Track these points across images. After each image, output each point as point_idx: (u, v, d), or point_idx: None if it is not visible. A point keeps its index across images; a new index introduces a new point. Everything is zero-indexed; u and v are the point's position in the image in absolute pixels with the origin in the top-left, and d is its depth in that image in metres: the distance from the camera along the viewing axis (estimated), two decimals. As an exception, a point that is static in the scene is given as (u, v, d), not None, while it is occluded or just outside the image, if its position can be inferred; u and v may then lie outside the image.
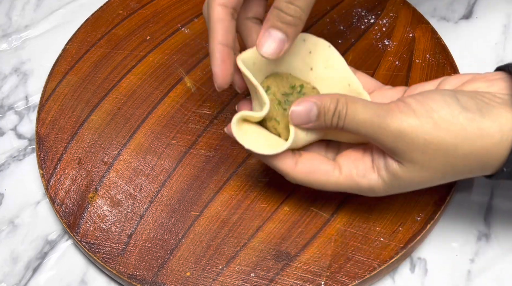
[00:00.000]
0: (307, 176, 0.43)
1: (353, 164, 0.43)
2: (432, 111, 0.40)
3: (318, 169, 0.43)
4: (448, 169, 0.41)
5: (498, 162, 0.40)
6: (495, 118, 0.39)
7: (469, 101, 0.40)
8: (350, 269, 0.46)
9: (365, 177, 0.43)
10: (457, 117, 0.39)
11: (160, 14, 0.61)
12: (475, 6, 0.62)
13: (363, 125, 0.41)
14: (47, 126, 0.55)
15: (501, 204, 0.51)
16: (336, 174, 0.43)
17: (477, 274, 0.48)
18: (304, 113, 0.42)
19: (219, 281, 0.47)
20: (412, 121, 0.40)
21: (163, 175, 0.51)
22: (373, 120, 0.40)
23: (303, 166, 0.43)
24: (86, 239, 0.49)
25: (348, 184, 0.43)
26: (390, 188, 0.43)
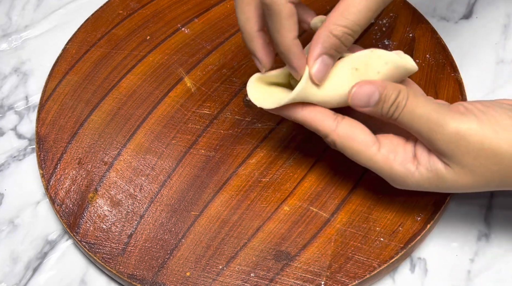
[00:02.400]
0: (345, 140, 0.43)
1: (393, 147, 0.43)
2: (493, 118, 0.40)
3: (358, 136, 0.42)
4: (496, 177, 0.40)
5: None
6: None
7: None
8: (350, 269, 0.46)
9: (402, 165, 0.42)
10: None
11: (160, 14, 0.61)
12: (475, 6, 0.62)
13: (418, 120, 0.40)
14: (47, 126, 0.55)
15: (501, 204, 0.51)
16: (374, 149, 0.42)
17: (477, 274, 0.48)
18: (365, 96, 0.41)
19: (219, 281, 0.47)
20: (473, 125, 0.39)
21: (163, 175, 0.51)
22: (431, 115, 0.40)
23: (344, 129, 0.43)
24: (86, 239, 0.49)
25: (382, 164, 0.42)
26: (424, 184, 0.42)
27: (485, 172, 0.40)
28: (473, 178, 0.41)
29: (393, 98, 0.41)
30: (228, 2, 0.61)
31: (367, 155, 0.43)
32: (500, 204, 0.51)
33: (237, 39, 0.59)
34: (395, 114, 0.41)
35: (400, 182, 0.43)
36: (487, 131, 0.39)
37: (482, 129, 0.39)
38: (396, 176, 0.43)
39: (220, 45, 0.58)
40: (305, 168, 0.51)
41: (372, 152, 0.42)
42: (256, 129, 0.53)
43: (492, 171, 0.40)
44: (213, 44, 0.58)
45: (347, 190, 0.49)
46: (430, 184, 0.42)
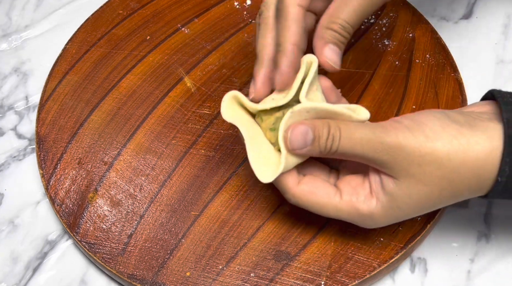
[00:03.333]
0: (307, 196, 0.43)
1: (354, 190, 0.43)
2: (424, 125, 0.41)
3: (319, 190, 0.43)
4: (444, 183, 0.41)
5: (492, 173, 0.40)
6: (483, 129, 0.40)
7: (458, 116, 0.41)
8: (350, 269, 0.46)
9: (364, 203, 0.43)
10: (448, 129, 0.40)
11: (160, 14, 0.61)
12: (475, 6, 0.62)
13: (359, 144, 0.41)
14: (47, 126, 0.55)
15: (501, 205, 0.51)
16: (337, 198, 0.43)
17: (477, 274, 0.48)
18: (301, 136, 0.42)
19: (219, 281, 0.47)
20: (407, 135, 0.40)
21: (163, 175, 0.51)
22: (369, 137, 0.41)
23: (305, 185, 0.43)
24: (86, 239, 0.49)
25: (347, 210, 0.43)
26: (388, 212, 0.43)
27: (432, 178, 0.41)
28: (423, 187, 0.41)
29: (326, 132, 0.42)
30: (228, 2, 0.61)
31: (332, 205, 0.43)
32: (500, 205, 0.51)
33: (237, 39, 0.59)
34: (334, 147, 0.42)
35: (369, 221, 0.43)
36: (420, 138, 0.40)
37: (415, 137, 0.40)
38: (363, 216, 0.43)
39: (220, 45, 0.58)
40: (305, 168, 0.51)
41: (335, 201, 0.43)
42: (256, 129, 0.53)
43: (437, 176, 0.41)
44: (213, 44, 0.58)
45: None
46: (391, 209, 0.42)
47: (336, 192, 0.43)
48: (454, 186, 0.41)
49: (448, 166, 0.40)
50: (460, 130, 0.40)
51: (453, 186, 0.41)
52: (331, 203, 0.43)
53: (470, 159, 0.40)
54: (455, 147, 0.40)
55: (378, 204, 0.42)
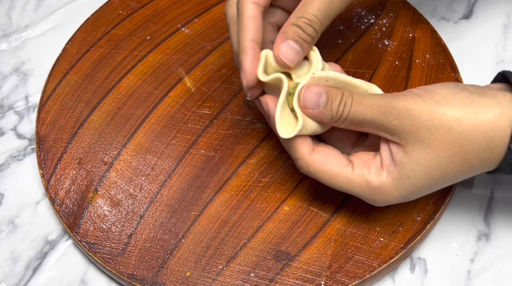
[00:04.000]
0: (319, 164, 0.43)
1: (365, 163, 0.43)
2: (434, 92, 0.42)
3: (332, 159, 0.43)
4: (454, 147, 0.41)
5: (502, 139, 0.40)
6: (493, 96, 0.41)
7: (468, 86, 0.42)
8: (350, 269, 0.46)
9: (375, 175, 0.43)
10: (458, 96, 0.41)
11: (160, 14, 0.61)
12: (475, 6, 0.62)
13: (369, 109, 0.42)
14: (47, 126, 0.55)
15: (501, 204, 0.51)
16: (348, 170, 0.43)
17: (477, 274, 0.48)
18: (314, 96, 0.43)
19: (219, 281, 0.47)
20: (418, 101, 0.41)
21: (163, 175, 0.52)
22: (380, 102, 0.42)
23: (318, 154, 0.44)
24: (86, 239, 0.49)
25: (358, 182, 0.43)
26: (399, 183, 0.42)
27: (441, 142, 0.41)
28: (432, 152, 0.41)
29: (339, 98, 0.43)
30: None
31: (343, 176, 0.43)
32: (500, 204, 0.51)
33: (237, 39, 0.59)
34: (345, 112, 0.42)
35: (380, 195, 0.43)
36: (430, 103, 0.41)
37: (425, 102, 0.41)
38: (374, 189, 0.43)
39: (220, 45, 0.58)
40: (305, 168, 0.51)
41: (347, 173, 0.43)
42: (256, 129, 0.53)
43: (447, 140, 0.41)
44: (213, 44, 0.58)
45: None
46: (402, 180, 0.42)
47: (348, 163, 0.44)
48: (464, 151, 0.41)
49: (458, 130, 0.40)
50: (471, 97, 0.41)
51: (463, 151, 0.41)
52: (343, 174, 0.43)
53: (481, 122, 0.40)
54: (465, 110, 0.40)
55: (389, 175, 0.42)
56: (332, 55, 0.56)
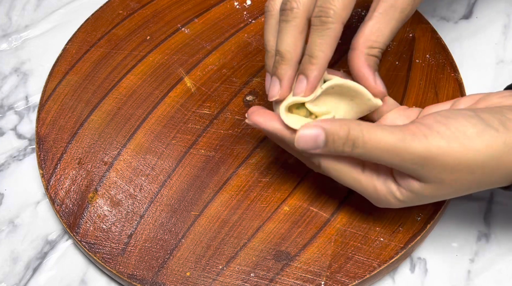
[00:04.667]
0: (330, 162, 0.43)
1: (376, 166, 0.43)
2: (458, 131, 0.39)
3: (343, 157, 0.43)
4: (473, 185, 0.41)
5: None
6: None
7: (490, 118, 0.40)
8: (350, 269, 0.46)
9: (384, 184, 0.42)
10: (483, 136, 0.39)
11: (160, 14, 0.61)
12: (475, 6, 0.62)
13: (386, 153, 0.40)
14: (47, 126, 0.55)
15: (501, 204, 0.51)
16: (359, 170, 0.43)
17: (477, 274, 0.48)
18: (310, 139, 0.41)
19: (219, 281, 0.47)
20: (440, 143, 0.39)
21: (163, 175, 0.52)
22: (398, 146, 0.39)
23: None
24: (86, 239, 0.49)
25: (366, 184, 0.43)
26: (406, 203, 0.43)
27: (462, 182, 0.40)
28: (451, 189, 0.41)
29: (343, 136, 0.40)
30: (228, 2, 0.61)
31: (352, 176, 0.43)
32: (500, 204, 0.51)
33: (237, 39, 0.59)
34: (355, 152, 0.41)
35: (384, 201, 0.43)
36: (455, 146, 0.39)
37: (449, 145, 0.39)
38: (379, 195, 0.43)
39: (220, 45, 0.58)
40: (305, 168, 0.50)
41: (357, 172, 0.43)
42: (256, 129, 0.53)
43: (468, 180, 0.40)
44: (213, 44, 0.58)
45: (347, 190, 0.49)
46: (411, 201, 0.43)
47: (359, 162, 0.43)
48: (481, 185, 0.41)
49: (481, 172, 0.40)
50: (495, 135, 0.39)
51: (480, 185, 0.41)
52: (352, 173, 0.43)
53: (503, 163, 0.40)
54: (490, 154, 0.39)
55: (398, 191, 0.42)
56: (332, 56, 0.56)
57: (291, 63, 0.44)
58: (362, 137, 0.40)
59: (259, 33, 0.59)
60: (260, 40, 0.58)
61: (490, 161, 0.39)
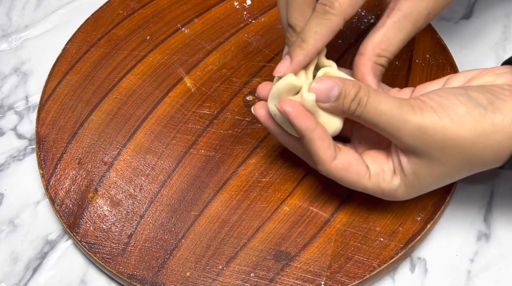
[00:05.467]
0: (339, 172, 0.44)
1: (380, 168, 0.44)
2: (448, 108, 0.40)
3: (353, 168, 0.44)
4: (465, 164, 0.41)
5: (510, 150, 0.41)
6: (506, 111, 0.40)
7: (480, 97, 0.41)
8: (350, 269, 0.46)
9: (389, 183, 0.44)
10: (472, 114, 0.40)
11: (160, 14, 0.61)
12: (475, 6, 0.62)
13: (383, 116, 0.41)
14: (47, 126, 0.55)
15: (501, 204, 0.51)
16: (366, 178, 0.44)
17: (477, 274, 0.48)
18: (325, 90, 0.42)
19: (219, 281, 0.47)
20: (433, 118, 0.40)
21: (163, 175, 0.52)
22: (394, 112, 0.41)
23: (340, 161, 0.43)
24: (86, 239, 0.49)
25: (373, 189, 0.44)
26: (411, 189, 0.43)
27: (453, 160, 0.41)
28: (444, 167, 0.42)
29: (353, 94, 0.42)
30: (228, 2, 0.61)
31: (360, 184, 0.44)
32: (500, 204, 0.51)
33: (237, 39, 0.59)
34: (358, 111, 0.42)
35: (391, 197, 0.45)
36: (445, 121, 0.40)
37: (441, 121, 0.40)
38: (386, 193, 0.44)
39: (220, 45, 0.58)
40: (305, 168, 0.51)
41: (364, 181, 0.44)
42: (256, 129, 0.53)
43: (458, 158, 0.41)
44: (213, 44, 0.58)
45: (347, 190, 0.49)
46: (413, 186, 0.43)
47: (366, 171, 0.44)
48: (473, 165, 0.42)
49: (471, 150, 0.41)
50: (484, 114, 0.40)
51: (472, 165, 0.42)
52: (361, 182, 0.44)
53: (492, 142, 0.40)
54: (478, 133, 0.40)
55: (401, 182, 0.43)
56: (332, 55, 0.56)
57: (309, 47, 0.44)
58: (367, 97, 0.41)
59: (259, 33, 0.59)
60: (260, 40, 0.58)
61: (478, 139, 0.40)
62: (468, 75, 0.45)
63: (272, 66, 0.57)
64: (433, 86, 0.46)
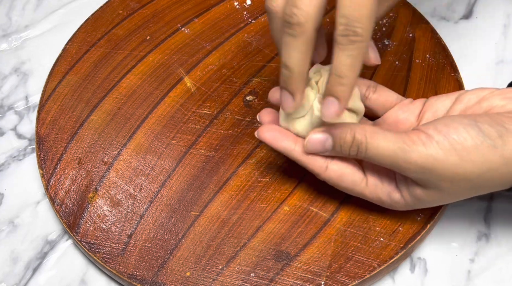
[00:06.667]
0: (334, 180, 0.45)
1: (379, 180, 0.44)
2: (456, 143, 0.40)
3: (346, 177, 0.45)
4: (472, 192, 0.42)
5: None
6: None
7: (489, 129, 0.40)
8: (350, 269, 0.46)
9: (388, 196, 0.44)
10: (481, 148, 0.40)
11: (160, 14, 0.61)
12: (475, 6, 0.62)
13: (387, 159, 0.41)
14: (47, 126, 0.55)
15: (501, 204, 0.51)
16: (362, 185, 0.45)
17: (477, 274, 0.48)
18: (319, 144, 0.43)
19: (219, 281, 0.47)
20: (437, 155, 0.40)
21: (163, 175, 0.52)
22: (397, 154, 0.41)
23: (332, 170, 0.44)
24: (86, 239, 0.49)
25: (371, 196, 0.45)
26: (411, 206, 0.44)
27: (461, 190, 0.42)
28: (452, 196, 0.43)
29: (349, 141, 0.42)
30: (228, 2, 0.61)
31: (357, 191, 0.45)
32: (500, 204, 0.51)
33: (237, 39, 0.59)
34: (360, 155, 0.42)
35: (389, 206, 0.46)
36: (452, 159, 0.40)
37: (447, 158, 0.40)
38: (384, 202, 0.45)
39: (220, 45, 0.58)
40: (305, 168, 0.51)
41: (361, 188, 0.45)
42: (256, 129, 0.53)
43: (467, 188, 0.42)
44: (213, 44, 0.58)
45: (347, 190, 0.49)
46: (415, 204, 0.44)
47: (362, 179, 0.44)
48: (480, 191, 0.43)
49: (479, 182, 0.41)
50: (493, 147, 0.40)
51: (479, 191, 0.43)
52: (357, 189, 0.45)
53: (501, 174, 0.40)
54: (487, 167, 0.40)
55: (402, 200, 0.44)
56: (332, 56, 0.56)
57: (302, 77, 0.42)
58: (365, 143, 0.42)
59: (259, 33, 0.59)
60: (260, 40, 0.58)
61: (487, 173, 0.40)
62: (479, 94, 0.45)
63: (272, 66, 0.57)
64: (444, 101, 0.46)
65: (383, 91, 0.48)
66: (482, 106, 0.44)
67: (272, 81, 0.56)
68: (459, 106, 0.45)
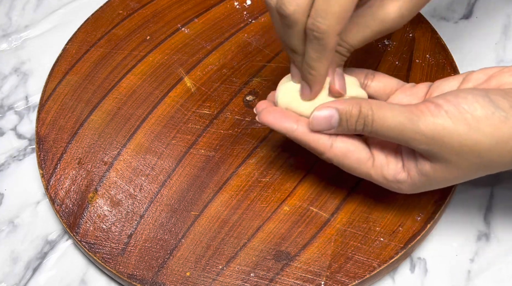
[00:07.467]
0: (340, 158, 0.43)
1: (385, 159, 0.43)
2: (466, 112, 0.39)
3: (352, 154, 0.43)
4: (481, 167, 0.41)
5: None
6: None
7: (502, 100, 0.39)
8: (350, 269, 0.46)
9: (394, 177, 0.43)
10: (491, 118, 0.39)
11: (160, 14, 0.61)
12: (475, 6, 0.62)
13: (394, 131, 0.40)
14: (47, 126, 0.55)
15: (501, 204, 0.51)
16: (368, 165, 0.43)
17: (477, 274, 0.48)
18: (324, 120, 0.42)
19: (219, 281, 0.47)
20: (446, 124, 0.39)
21: (163, 175, 0.52)
22: (405, 125, 0.40)
23: (338, 148, 0.43)
24: (86, 239, 0.49)
25: (376, 177, 0.43)
26: (418, 187, 0.43)
27: (469, 165, 0.40)
28: (459, 171, 0.41)
29: (355, 114, 0.41)
30: (228, 2, 0.61)
31: (362, 170, 0.44)
32: (500, 204, 0.51)
33: (237, 39, 0.59)
34: (367, 129, 0.41)
35: (395, 188, 0.44)
36: (461, 128, 0.39)
37: (456, 127, 0.39)
38: (391, 184, 0.43)
39: (220, 45, 0.58)
40: (305, 168, 0.51)
41: (366, 168, 0.43)
42: (256, 129, 0.53)
43: (475, 163, 0.40)
44: (213, 44, 0.58)
45: (347, 189, 0.49)
46: (422, 185, 0.43)
47: (369, 157, 0.43)
48: (490, 168, 0.41)
49: (488, 155, 0.39)
50: (504, 118, 0.39)
51: (489, 168, 0.41)
52: (362, 168, 0.43)
53: (510, 150, 0.39)
54: (497, 138, 0.39)
55: (409, 179, 0.42)
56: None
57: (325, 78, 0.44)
58: (371, 115, 0.40)
59: (259, 33, 0.59)
60: (260, 40, 0.58)
61: (496, 145, 0.39)
62: (488, 72, 0.43)
63: (272, 66, 0.57)
64: (451, 83, 0.45)
65: (382, 77, 0.48)
66: (491, 84, 0.42)
67: (272, 81, 0.56)
68: (467, 85, 0.44)
